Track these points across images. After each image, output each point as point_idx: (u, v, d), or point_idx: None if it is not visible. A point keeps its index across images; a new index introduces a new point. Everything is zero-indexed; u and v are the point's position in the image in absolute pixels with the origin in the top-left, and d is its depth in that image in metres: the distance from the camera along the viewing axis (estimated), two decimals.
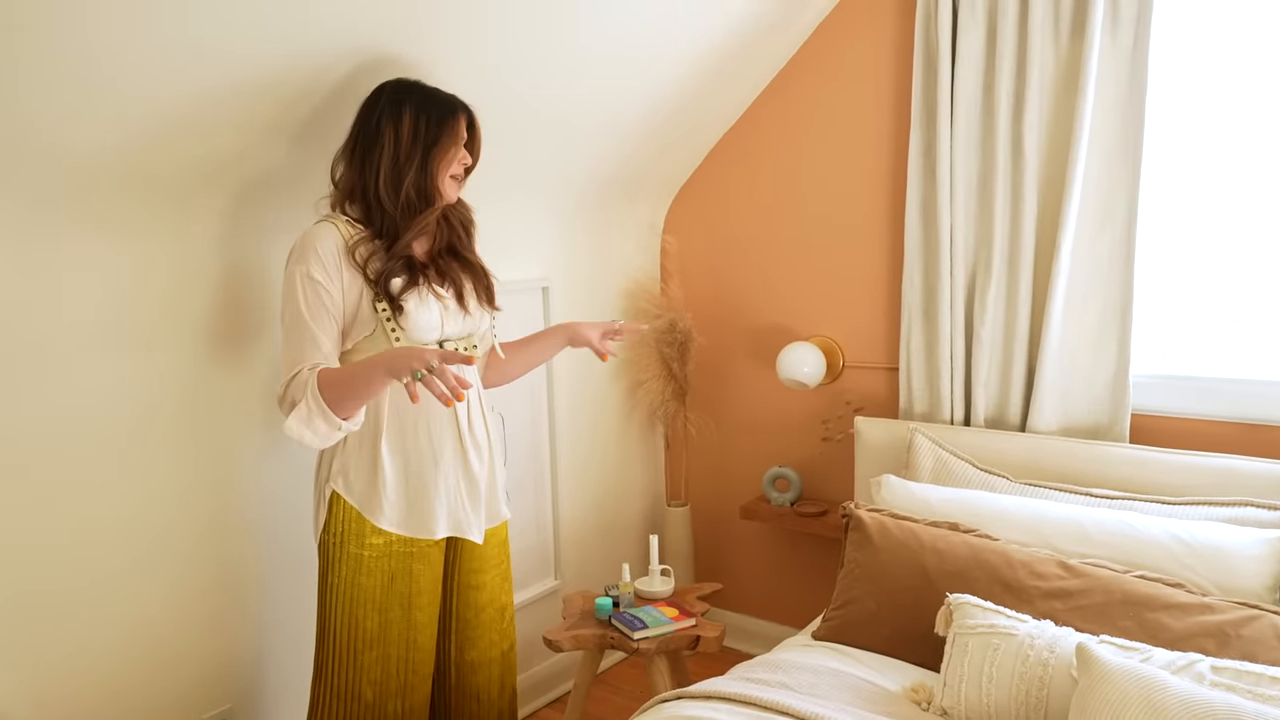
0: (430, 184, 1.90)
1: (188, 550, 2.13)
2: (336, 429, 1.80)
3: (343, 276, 1.86)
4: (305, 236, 1.88)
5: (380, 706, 1.93)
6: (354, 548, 1.90)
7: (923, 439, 2.62)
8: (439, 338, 1.95)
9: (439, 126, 1.90)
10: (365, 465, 1.91)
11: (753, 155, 3.15)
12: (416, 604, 1.95)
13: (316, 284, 1.83)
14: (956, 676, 1.88)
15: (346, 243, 1.87)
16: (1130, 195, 2.43)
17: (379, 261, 1.87)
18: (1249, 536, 2.04)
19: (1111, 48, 2.42)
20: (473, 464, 1.98)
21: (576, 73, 2.48)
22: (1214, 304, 2.46)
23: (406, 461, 1.93)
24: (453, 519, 1.97)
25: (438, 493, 1.94)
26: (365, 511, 1.90)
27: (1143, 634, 1.89)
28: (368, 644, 1.92)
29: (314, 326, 1.83)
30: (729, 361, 3.29)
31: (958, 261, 2.67)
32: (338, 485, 1.91)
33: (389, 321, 1.88)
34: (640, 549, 3.42)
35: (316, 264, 1.84)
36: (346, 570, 1.90)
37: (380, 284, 1.86)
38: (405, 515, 1.93)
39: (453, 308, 1.96)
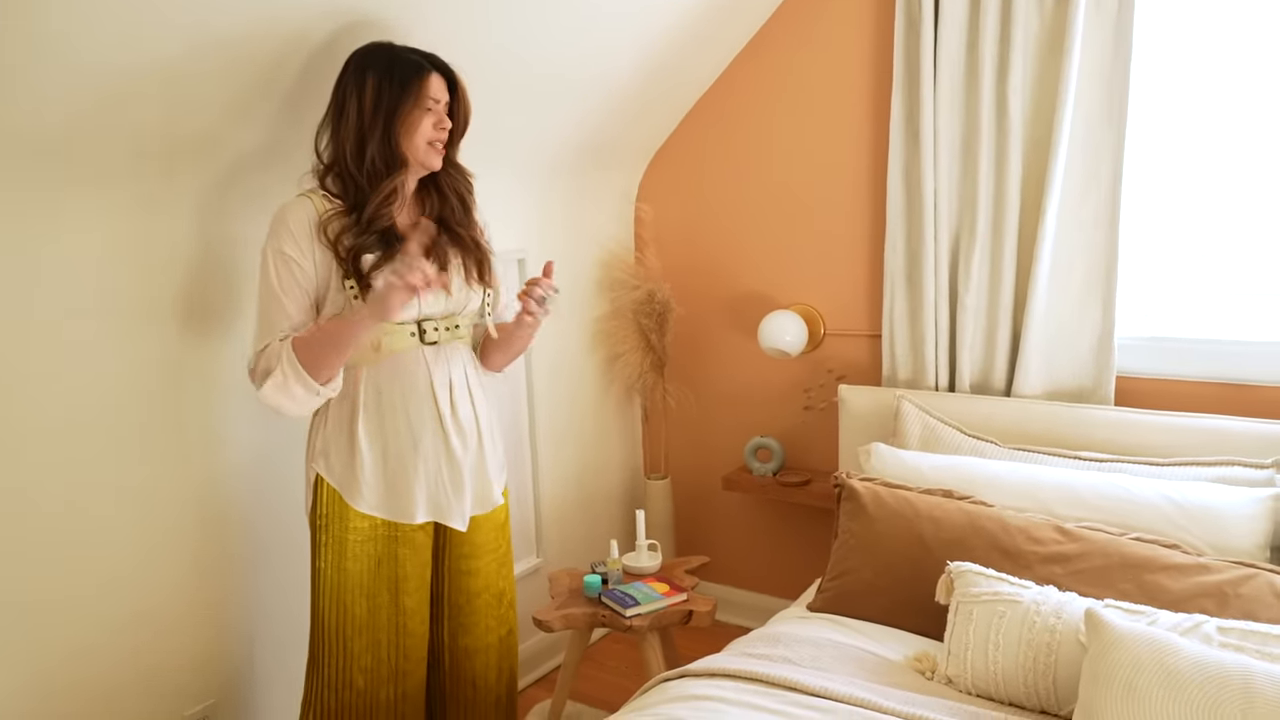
0: (395, 151, 1.80)
1: (170, 542, 2.04)
2: (315, 394, 1.75)
3: (315, 253, 1.78)
4: (280, 211, 1.81)
5: (373, 694, 1.88)
6: (338, 530, 1.84)
7: (910, 406, 2.60)
8: (416, 316, 1.86)
9: (402, 90, 1.80)
10: (343, 447, 1.85)
11: (729, 120, 3.08)
12: (404, 589, 1.89)
13: (288, 259, 1.77)
14: (961, 645, 1.88)
15: (320, 217, 1.79)
16: (1115, 158, 2.42)
17: (350, 237, 1.79)
18: (1240, 496, 2.06)
19: (1096, 8, 2.39)
20: (455, 449, 1.90)
21: (554, 32, 2.39)
22: (1196, 266, 2.47)
23: (385, 444, 1.86)
24: (433, 504, 1.90)
25: (417, 477, 1.87)
26: (345, 494, 1.85)
27: (1142, 596, 1.89)
28: (357, 630, 1.86)
29: (286, 303, 1.77)
30: (707, 332, 3.24)
31: (941, 226, 2.65)
32: (320, 466, 1.86)
33: (357, 299, 1.80)
34: (620, 524, 3.38)
35: (288, 239, 1.77)
36: (332, 555, 1.85)
37: (349, 261, 1.78)
38: (384, 498, 1.87)
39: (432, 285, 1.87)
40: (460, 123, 1.90)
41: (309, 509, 1.89)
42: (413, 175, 1.88)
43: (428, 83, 1.82)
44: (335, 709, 1.87)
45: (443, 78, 1.86)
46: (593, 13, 2.41)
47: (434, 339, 1.87)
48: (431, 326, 1.87)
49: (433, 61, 1.85)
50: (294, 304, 1.77)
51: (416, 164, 1.85)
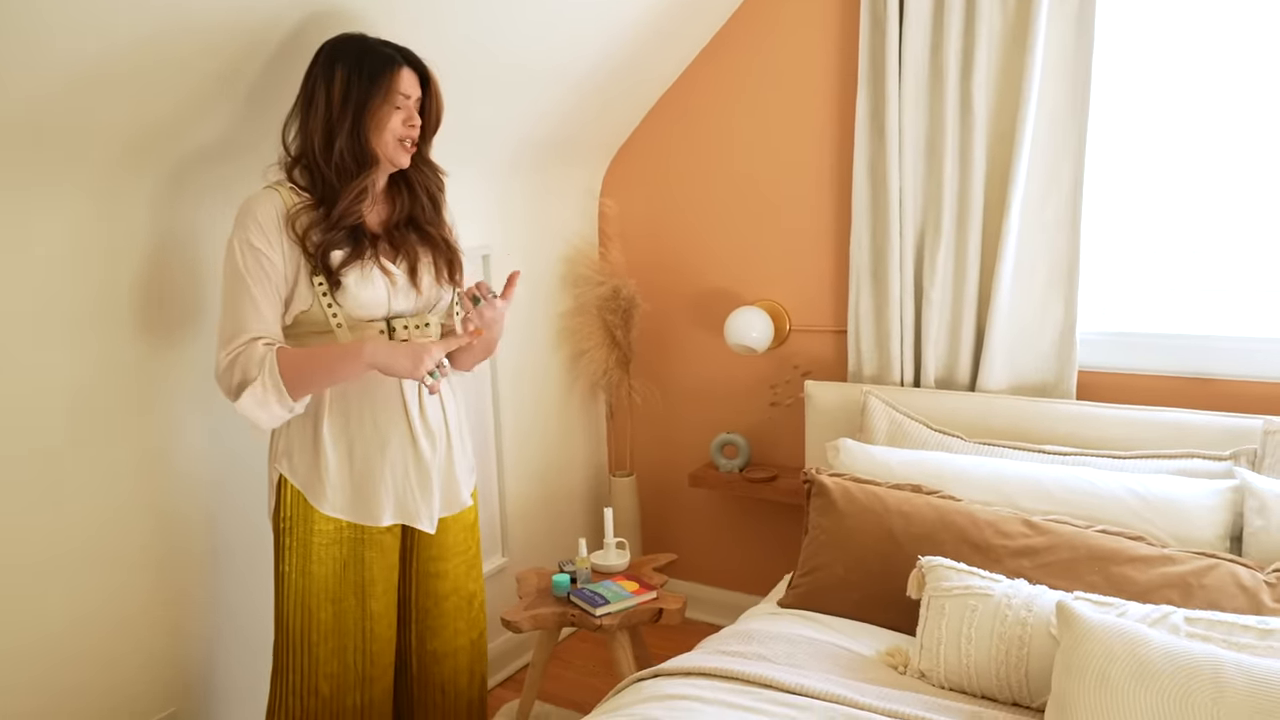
0: (364, 148, 1.76)
1: (126, 542, 1.97)
2: (288, 410, 1.71)
3: (282, 246, 1.73)
4: (246, 203, 1.75)
5: (338, 700, 1.84)
6: (302, 533, 1.80)
7: (876, 401, 2.61)
8: (385, 315, 1.82)
9: (372, 84, 1.75)
10: (307, 448, 1.81)
11: (694, 115, 3.07)
12: (371, 593, 1.85)
13: (257, 251, 1.72)
14: (934, 639, 1.89)
15: (288, 210, 1.74)
16: (1077, 155, 2.45)
17: (319, 233, 1.74)
18: (1201, 488, 2.10)
19: (1059, 7, 2.42)
20: (424, 451, 1.86)
21: (520, 25, 2.35)
22: (1156, 261, 2.51)
23: (351, 445, 1.82)
24: (400, 506, 1.86)
25: (384, 478, 1.83)
26: (309, 496, 1.80)
27: (1109, 588, 1.92)
28: (322, 636, 1.82)
29: (257, 295, 1.72)
30: (673, 328, 3.23)
31: (906, 222, 2.66)
32: (283, 467, 1.81)
33: (325, 297, 1.75)
34: (585, 522, 3.36)
35: (256, 231, 1.72)
36: (296, 558, 1.80)
37: (318, 257, 1.73)
38: (350, 500, 1.82)
39: (402, 284, 1.83)
40: (432, 120, 1.85)
41: (272, 511, 1.84)
42: (382, 172, 1.84)
43: (398, 77, 1.77)
44: (300, 716, 1.82)
45: (414, 73, 1.81)
46: (560, 5, 2.38)
47: (403, 337, 1.83)
48: (401, 324, 1.83)
49: (405, 55, 1.80)
50: (264, 299, 1.71)
51: (385, 161, 1.80)
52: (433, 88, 1.84)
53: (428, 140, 1.88)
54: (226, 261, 1.73)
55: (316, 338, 1.78)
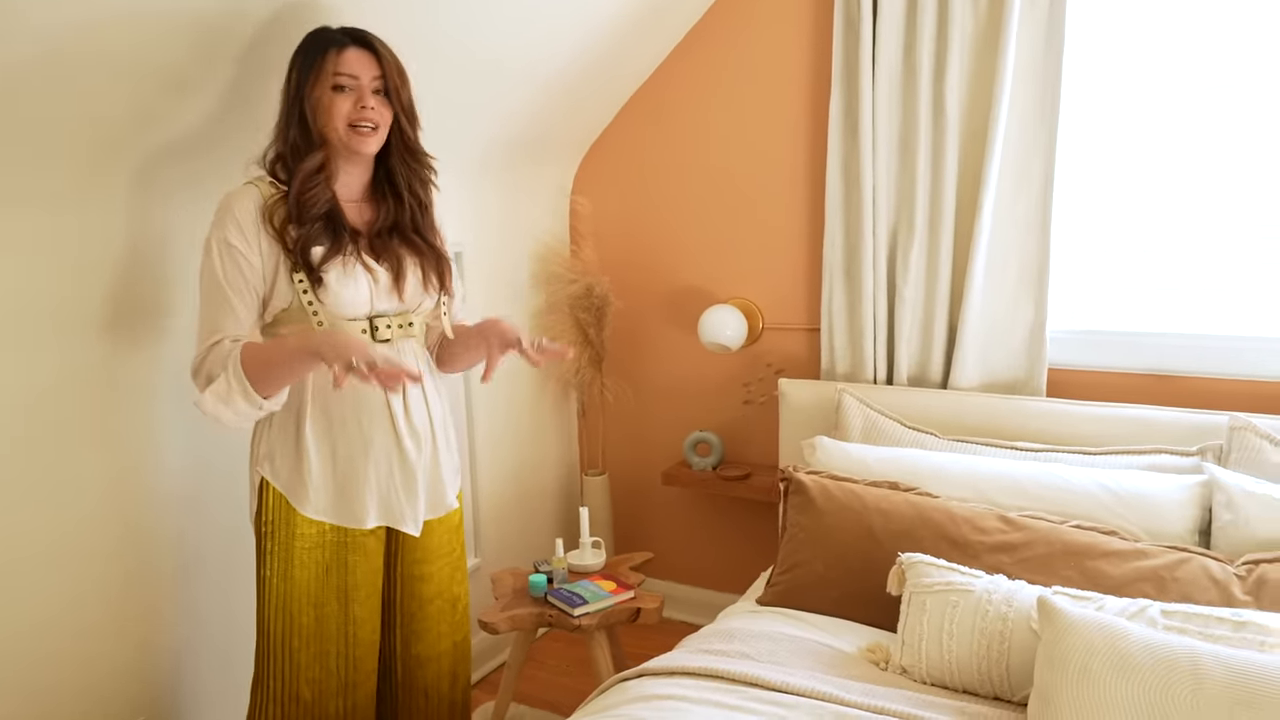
0: (309, 132, 1.70)
1: (93, 546, 1.92)
2: (258, 408, 1.67)
3: (260, 242, 1.69)
4: (225, 200, 1.71)
5: (321, 706, 1.80)
6: (284, 537, 1.76)
7: (851, 399, 2.63)
8: (368, 313, 1.78)
9: (308, 68, 1.70)
10: (289, 449, 1.76)
11: (667, 112, 3.07)
12: (354, 597, 1.82)
13: (234, 250, 1.68)
14: (915, 635, 1.90)
15: (265, 203, 1.70)
16: (1047, 156, 2.49)
17: (295, 226, 1.70)
18: (1171, 483, 2.14)
19: (1030, 8, 2.45)
20: (409, 453, 1.82)
21: (496, 20, 2.32)
22: (1123, 261, 2.55)
23: (334, 447, 1.78)
24: (384, 509, 1.83)
25: (367, 480, 1.79)
26: (292, 498, 1.76)
27: (1085, 582, 1.95)
28: (304, 641, 1.78)
29: (231, 296, 1.68)
30: (645, 326, 3.22)
31: (880, 221, 2.68)
32: (265, 470, 1.77)
33: (306, 294, 1.71)
34: (557, 521, 3.34)
35: (234, 229, 1.68)
36: (278, 562, 1.76)
37: (298, 252, 1.69)
38: (334, 503, 1.79)
39: (385, 283, 1.79)
40: (396, 100, 1.76)
41: (253, 515, 1.80)
42: (350, 162, 1.77)
43: (334, 58, 1.69)
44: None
45: (367, 53, 1.73)
46: (536, 1, 2.36)
47: (386, 337, 1.80)
48: (384, 324, 1.80)
49: (354, 36, 1.73)
50: (240, 300, 1.68)
51: (343, 148, 1.73)
52: (388, 67, 1.74)
53: (407, 125, 1.80)
54: (204, 259, 1.69)
55: None
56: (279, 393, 1.70)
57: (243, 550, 2.18)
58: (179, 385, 2.02)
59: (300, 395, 1.76)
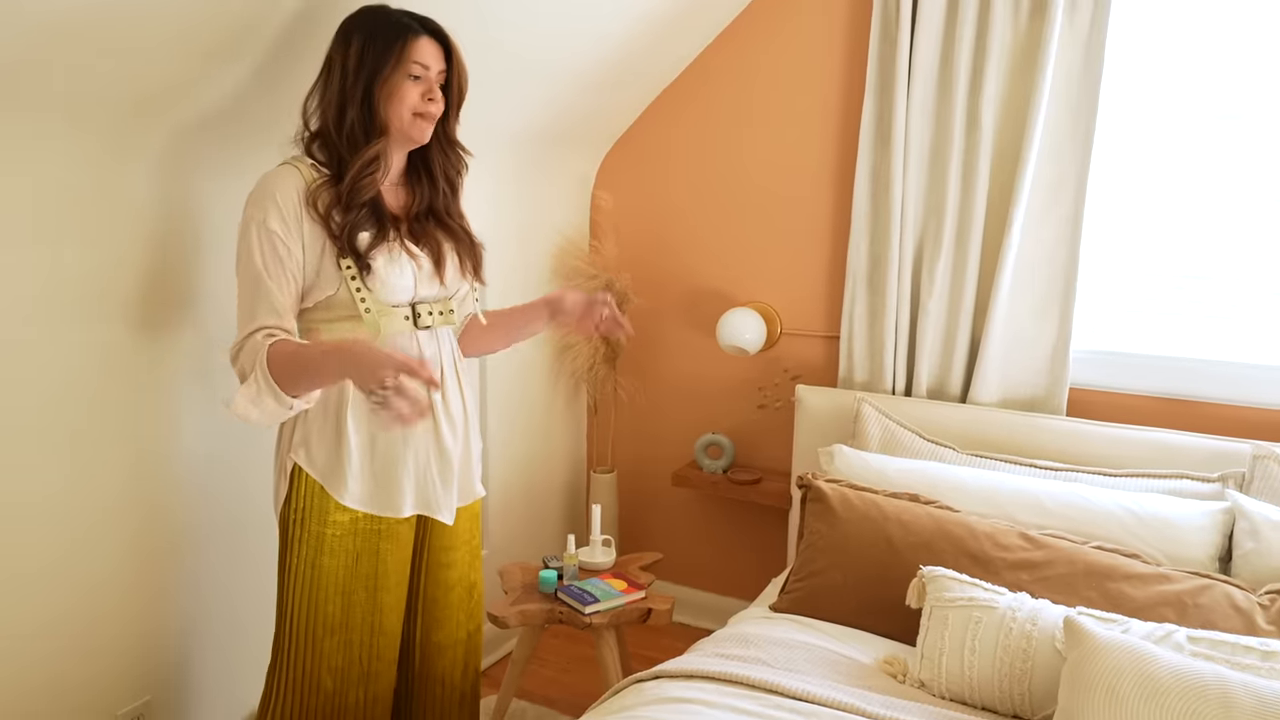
0: (374, 118, 1.69)
1: (105, 532, 1.88)
2: (288, 408, 1.61)
3: (303, 228, 1.66)
4: (264, 181, 1.68)
5: (341, 695, 1.77)
6: (316, 525, 1.72)
7: (870, 409, 2.62)
8: (411, 300, 1.76)
9: (386, 52, 1.67)
10: (329, 437, 1.73)
11: (694, 110, 3.05)
12: (383, 585, 1.79)
13: (273, 235, 1.64)
14: (936, 649, 1.89)
15: (309, 187, 1.67)
16: (1079, 175, 2.48)
17: (340, 212, 1.67)
18: (1193, 509, 2.13)
19: (1069, 28, 2.44)
20: (446, 439, 1.81)
21: (538, 17, 2.30)
22: (1148, 283, 2.55)
23: (374, 434, 1.75)
24: (421, 497, 1.80)
25: (406, 469, 1.77)
26: (328, 486, 1.72)
27: (1107, 604, 1.94)
28: (329, 630, 1.75)
29: (269, 283, 1.64)
30: (661, 325, 3.20)
31: (907, 231, 2.67)
32: (299, 457, 1.73)
33: (354, 280, 1.69)
34: (563, 517, 3.31)
35: (275, 212, 1.64)
36: (307, 550, 1.73)
37: (344, 238, 1.66)
38: (371, 491, 1.76)
39: (428, 269, 1.77)
40: (455, 95, 1.78)
41: (281, 502, 1.76)
42: (398, 147, 1.77)
43: (414, 46, 1.69)
44: (298, 711, 1.75)
45: (436, 43, 1.73)
46: None
47: (428, 324, 1.77)
48: (426, 310, 1.78)
49: (425, 24, 1.72)
50: (278, 287, 1.63)
51: (401, 135, 1.73)
52: (456, 60, 1.76)
53: (452, 118, 1.81)
54: (241, 242, 1.65)
55: (342, 323, 1.71)
56: (308, 394, 1.65)
57: (247, 530, 2.16)
58: (201, 370, 2.01)
59: (342, 384, 1.72)
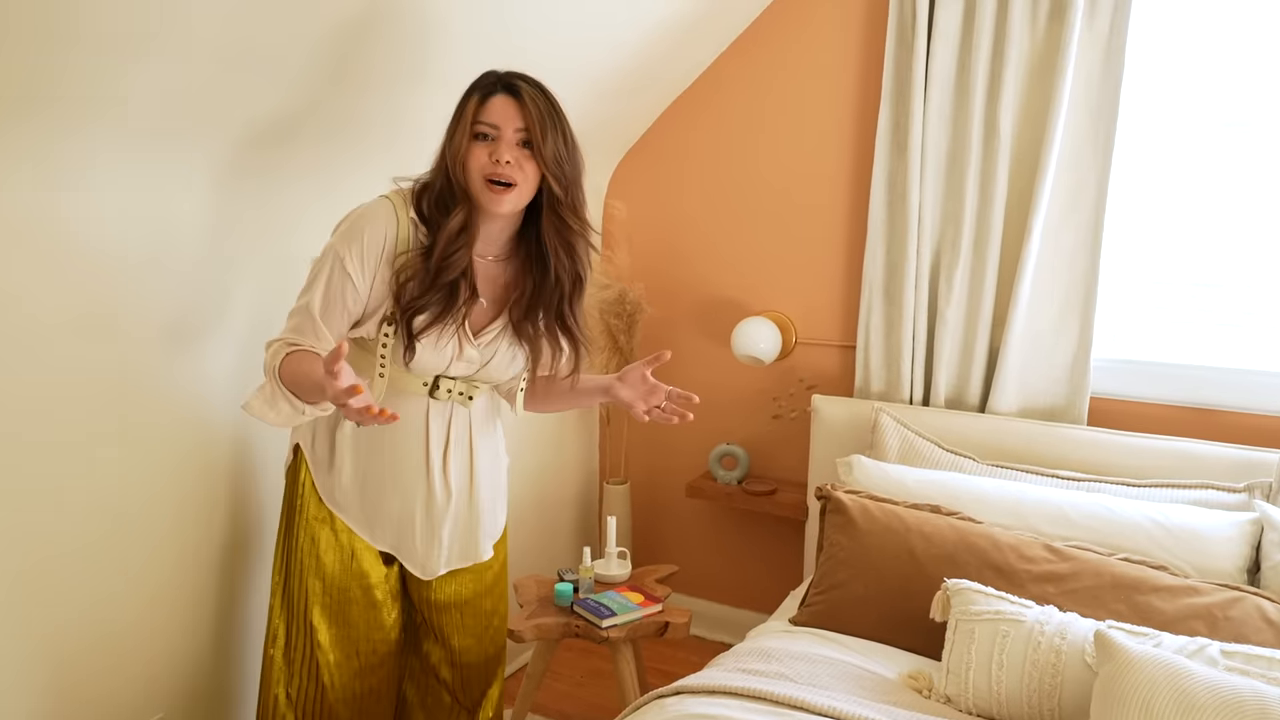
0: (451, 184, 1.57)
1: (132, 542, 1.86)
2: (301, 413, 1.58)
3: (377, 276, 1.60)
4: (358, 214, 1.61)
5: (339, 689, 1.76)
6: (313, 511, 1.71)
7: (888, 419, 2.59)
8: (438, 373, 1.69)
9: (456, 113, 1.60)
10: (325, 439, 1.72)
11: (708, 118, 3.03)
12: (378, 584, 1.77)
13: (347, 276, 1.59)
14: (962, 664, 1.86)
15: (399, 244, 1.60)
16: (1100, 182, 2.45)
17: (417, 286, 1.58)
18: (1221, 519, 2.10)
19: (1088, 33, 2.42)
20: (437, 502, 1.74)
21: (557, 26, 2.29)
22: (1169, 291, 2.52)
23: (367, 465, 1.72)
24: (398, 539, 1.76)
25: (388, 512, 1.73)
26: (319, 486, 1.71)
27: (1135, 617, 1.91)
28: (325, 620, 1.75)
29: (318, 314, 1.59)
30: (675, 334, 3.17)
31: (924, 240, 2.65)
32: (304, 443, 1.73)
33: (385, 348, 1.63)
34: (576, 529, 3.28)
35: (355, 257, 1.58)
36: (304, 537, 1.72)
37: (403, 314, 1.59)
38: (357, 508, 1.73)
39: (469, 356, 1.67)
40: (540, 156, 1.57)
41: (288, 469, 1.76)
42: (491, 218, 1.63)
43: (482, 104, 1.56)
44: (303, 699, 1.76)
45: (513, 99, 1.56)
46: (592, 7, 2.32)
47: (443, 398, 1.72)
48: (446, 388, 1.71)
49: (505, 82, 1.58)
50: (327, 321, 1.59)
51: (477, 203, 1.59)
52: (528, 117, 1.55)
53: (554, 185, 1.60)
54: (319, 261, 1.62)
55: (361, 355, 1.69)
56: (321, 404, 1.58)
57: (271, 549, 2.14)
58: (231, 379, 1.99)
59: None
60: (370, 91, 2.05)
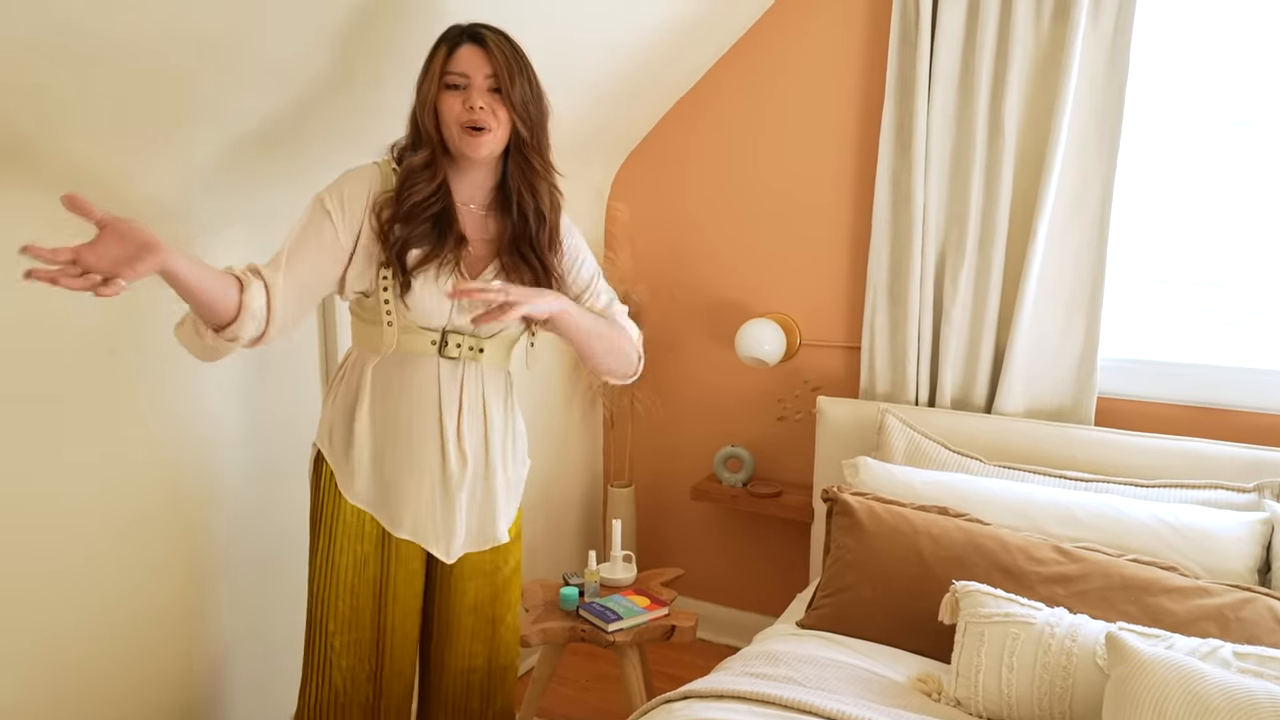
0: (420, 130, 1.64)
1: (144, 546, 1.85)
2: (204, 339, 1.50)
3: (362, 221, 1.63)
4: (345, 173, 1.67)
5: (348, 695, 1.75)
6: (329, 519, 1.72)
7: (894, 420, 2.58)
8: (442, 326, 1.69)
9: (425, 66, 1.65)
10: (343, 432, 1.72)
11: (711, 120, 3.02)
12: (391, 595, 1.76)
13: (323, 214, 1.62)
14: (972, 667, 1.84)
15: (382, 192, 1.65)
16: (1105, 181, 2.44)
17: (400, 228, 1.61)
18: (1231, 519, 2.09)
19: (1093, 31, 2.41)
20: (453, 475, 1.72)
21: (554, 29, 2.28)
22: (1175, 290, 2.51)
23: (384, 446, 1.71)
24: (416, 524, 1.74)
25: (407, 493, 1.72)
26: (339, 479, 1.71)
27: (1146, 618, 1.89)
28: (339, 626, 1.74)
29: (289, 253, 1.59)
30: (679, 337, 3.16)
31: (929, 240, 2.64)
32: (323, 443, 1.73)
33: (386, 291, 1.65)
34: (579, 532, 3.27)
35: (335, 199, 1.63)
36: (324, 542, 1.72)
37: (394, 251, 1.61)
38: (377, 497, 1.73)
39: None
40: (510, 101, 1.61)
41: (310, 485, 1.76)
42: (468, 166, 1.68)
43: (449, 54, 1.61)
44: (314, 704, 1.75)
45: (479, 48, 1.60)
46: (591, 10, 2.31)
47: (454, 355, 1.71)
48: (455, 341, 1.70)
49: (470, 32, 1.63)
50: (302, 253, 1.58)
51: (457, 153, 1.65)
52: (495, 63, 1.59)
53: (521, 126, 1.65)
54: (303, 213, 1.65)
55: (370, 326, 1.70)
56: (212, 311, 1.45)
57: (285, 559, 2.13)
58: (239, 379, 1.98)
59: (359, 382, 1.71)
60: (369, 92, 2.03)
